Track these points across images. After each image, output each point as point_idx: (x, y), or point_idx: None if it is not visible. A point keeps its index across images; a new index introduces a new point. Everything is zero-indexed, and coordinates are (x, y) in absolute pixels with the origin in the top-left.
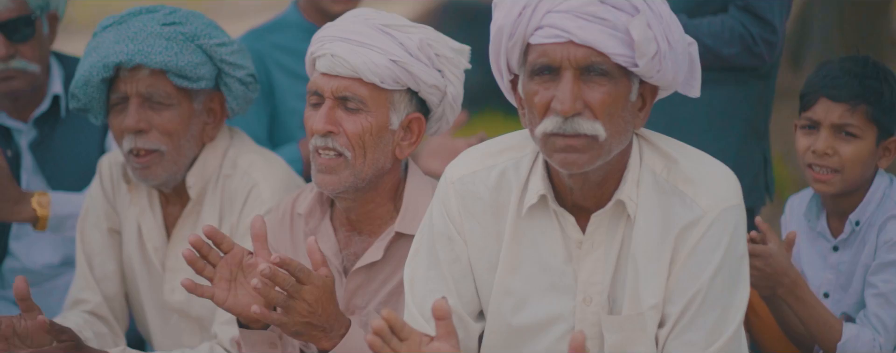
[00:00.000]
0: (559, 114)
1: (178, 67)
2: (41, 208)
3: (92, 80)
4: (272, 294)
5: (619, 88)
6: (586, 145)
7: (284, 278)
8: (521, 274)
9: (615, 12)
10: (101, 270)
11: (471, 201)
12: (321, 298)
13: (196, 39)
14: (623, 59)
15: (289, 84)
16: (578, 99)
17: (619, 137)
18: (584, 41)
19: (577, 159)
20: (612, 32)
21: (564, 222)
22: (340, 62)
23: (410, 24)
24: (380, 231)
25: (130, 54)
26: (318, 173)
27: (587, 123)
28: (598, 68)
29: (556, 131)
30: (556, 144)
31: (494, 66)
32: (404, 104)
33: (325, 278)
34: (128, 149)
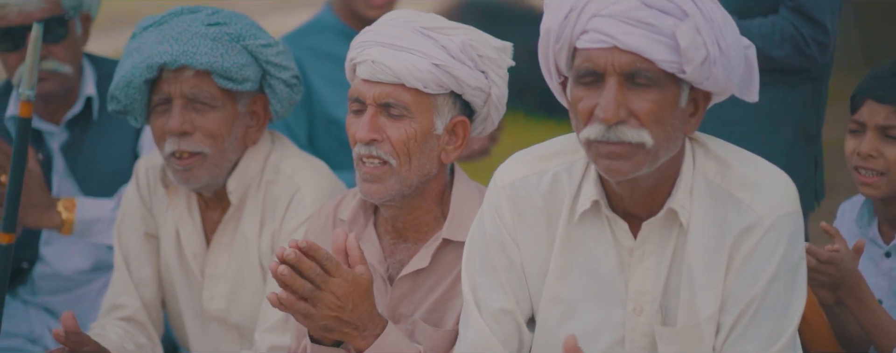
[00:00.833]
0: (602, 121)
1: (223, 68)
2: (66, 212)
3: (134, 81)
4: (298, 283)
5: (667, 94)
6: (631, 152)
7: (310, 266)
8: (570, 281)
9: (662, 17)
10: (137, 274)
11: (523, 207)
12: (351, 293)
13: (241, 40)
14: (670, 65)
15: (326, 89)
16: (622, 107)
17: (667, 144)
18: (628, 47)
19: (620, 167)
20: (658, 38)
21: (617, 228)
22: (381, 68)
23: (452, 25)
24: (426, 238)
25: (175, 55)
26: (363, 182)
27: (632, 132)
28: (644, 75)
29: (599, 139)
30: (600, 150)
31: (544, 67)
32: (448, 108)
33: (360, 276)
34: (170, 151)
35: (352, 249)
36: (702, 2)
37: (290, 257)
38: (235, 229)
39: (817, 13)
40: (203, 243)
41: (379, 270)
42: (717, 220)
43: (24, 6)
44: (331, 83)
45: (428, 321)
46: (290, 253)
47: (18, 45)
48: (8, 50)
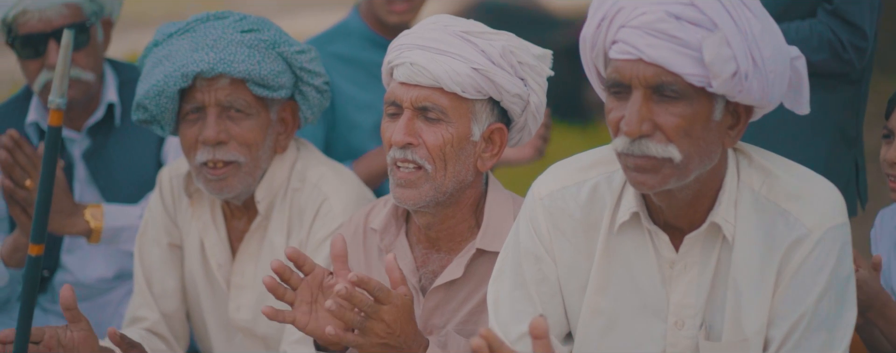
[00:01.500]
0: (625, 135)
1: (260, 76)
2: (94, 221)
3: (167, 90)
4: (349, 316)
5: (697, 108)
6: (657, 166)
7: (362, 298)
8: (610, 294)
9: (690, 29)
10: (160, 286)
11: (561, 219)
12: (400, 318)
13: (277, 47)
14: (697, 78)
15: (349, 95)
16: (646, 121)
17: (699, 158)
18: (653, 60)
19: (646, 180)
20: (683, 51)
21: (657, 240)
22: (420, 71)
23: (491, 30)
24: (459, 248)
25: (212, 63)
26: (397, 187)
27: (657, 146)
28: (670, 88)
29: (625, 151)
30: (627, 163)
31: (588, 73)
32: (486, 114)
33: (404, 298)
34: (202, 161)
35: (392, 271)
36: (737, 12)
37: (342, 292)
38: (262, 238)
39: (855, 17)
40: (228, 252)
41: (411, 280)
42: (764, 233)
43: (44, 12)
44: (355, 88)
45: (461, 332)
46: (341, 288)
47: (39, 52)
48: (29, 57)
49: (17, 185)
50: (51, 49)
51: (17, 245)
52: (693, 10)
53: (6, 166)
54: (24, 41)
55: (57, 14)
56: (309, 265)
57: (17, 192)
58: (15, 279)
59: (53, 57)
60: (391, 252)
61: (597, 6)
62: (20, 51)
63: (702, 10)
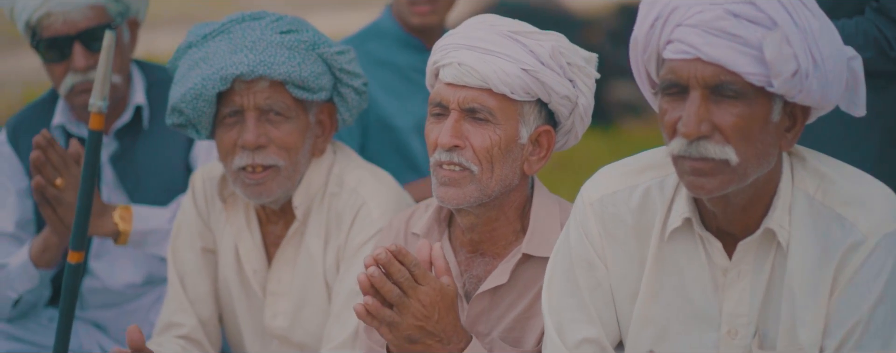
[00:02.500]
0: (683, 136)
1: (300, 78)
2: (123, 223)
3: (205, 93)
4: (386, 288)
5: (755, 108)
6: (715, 169)
7: (399, 270)
8: (661, 302)
9: (749, 27)
10: (194, 291)
11: (612, 224)
12: (437, 303)
13: (316, 48)
14: (757, 78)
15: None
16: (704, 121)
17: (757, 161)
18: (712, 59)
19: (704, 184)
20: (744, 49)
21: (710, 247)
22: (468, 71)
23: (539, 31)
24: (504, 253)
25: (252, 65)
26: (440, 187)
27: (715, 148)
28: (729, 88)
29: (682, 154)
30: (684, 166)
31: (636, 75)
32: (534, 116)
33: (446, 286)
34: (241, 165)
35: (437, 259)
36: (796, 10)
37: (381, 258)
38: (299, 244)
39: None
40: (264, 258)
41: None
42: (819, 239)
43: (69, 15)
44: (388, 90)
45: (506, 340)
46: (381, 254)
47: (65, 55)
48: (53, 60)
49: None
50: (76, 52)
51: (47, 245)
52: (751, 7)
53: (39, 165)
54: (48, 44)
55: (81, 16)
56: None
57: (47, 189)
58: (43, 282)
59: (79, 60)
60: (439, 242)
61: (649, 6)
62: (44, 54)
63: (760, 8)
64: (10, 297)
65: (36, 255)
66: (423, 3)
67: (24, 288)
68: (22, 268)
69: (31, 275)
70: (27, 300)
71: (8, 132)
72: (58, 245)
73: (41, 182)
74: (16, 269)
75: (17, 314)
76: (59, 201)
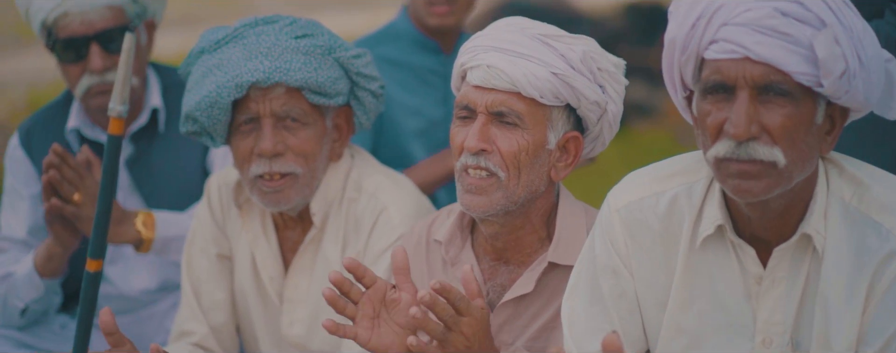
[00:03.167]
0: (732, 138)
1: (317, 84)
2: (146, 230)
3: (220, 101)
4: (431, 325)
5: (802, 109)
6: (763, 172)
7: (444, 307)
8: (693, 311)
9: (798, 26)
10: (208, 299)
11: (638, 231)
12: (479, 332)
13: (332, 52)
14: (806, 78)
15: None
16: (754, 122)
17: (801, 164)
18: (761, 58)
19: (752, 187)
20: (794, 48)
21: (743, 255)
22: (497, 74)
23: (570, 35)
24: (529, 261)
25: (268, 72)
26: (466, 194)
27: (764, 149)
28: (778, 88)
29: (728, 156)
30: (730, 169)
31: (668, 80)
32: (562, 122)
33: (482, 311)
34: (258, 173)
35: (469, 282)
36: (841, 11)
37: (425, 300)
38: (316, 251)
39: None
40: (280, 265)
41: None
42: (855, 246)
43: (86, 15)
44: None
45: (531, 349)
46: (425, 295)
47: (81, 56)
48: (70, 61)
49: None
50: (93, 53)
51: (51, 254)
52: (799, 6)
53: (54, 184)
54: (64, 45)
55: (99, 17)
56: (369, 278)
57: (65, 209)
58: (50, 291)
59: (95, 61)
60: (468, 264)
61: (689, 6)
62: (61, 55)
63: (808, 7)
64: (18, 306)
65: (40, 264)
66: (441, 3)
67: (29, 297)
68: (27, 277)
69: (36, 285)
70: (35, 308)
71: (21, 136)
72: (62, 255)
73: (57, 204)
74: (21, 278)
75: (26, 322)
76: (79, 217)
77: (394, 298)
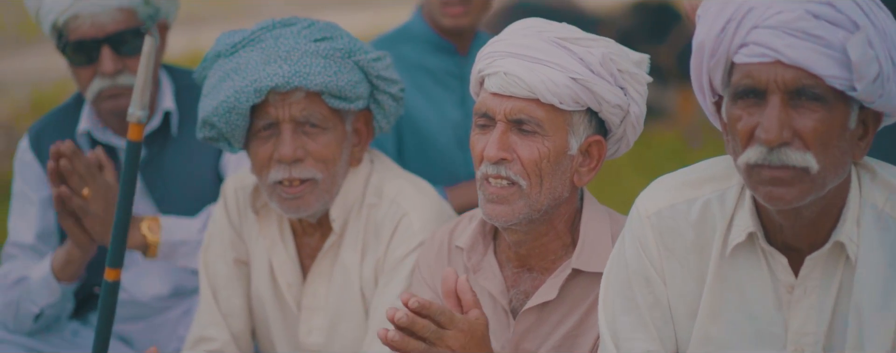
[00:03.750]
0: (763, 143)
1: (338, 88)
2: (151, 234)
3: (238, 107)
4: (412, 345)
5: (835, 114)
6: (795, 178)
7: (424, 326)
8: (723, 321)
9: (831, 29)
10: (226, 305)
11: (670, 238)
12: (468, 344)
13: (352, 55)
14: (839, 81)
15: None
16: (786, 127)
17: (834, 170)
18: (793, 61)
19: (784, 194)
20: (826, 52)
21: (774, 263)
22: (515, 81)
23: (589, 36)
24: (553, 267)
25: (288, 77)
26: (488, 203)
27: (796, 155)
28: (810, 92)
29: (760, 162)
30: (761, 175)
31: (696, 85)
32: (584, 126)
33: (475, 322)
34: (277, 179)
35: (464, 293)
36: (873, 13)
37: (402, 321)
38: (335, 257)
39: None
40: (298, 272)
41: (500, 301)
42: (889, 253)
43: (97, 17)
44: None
45: None
46: (401, 316)
47: (92, 59)
48: (80, 64)
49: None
50: (104, 56)
51: (70, 258)
52: (831, 9)
53: (65, 173)
54: (75, 47)
55: (110, 19)
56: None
57: (73, 200)
58: (66, 296)
59: (107, 64)
60: (464, 275)
61: (718, 9)
62: (71, 57)
63: (840, 9)
64: (32, 311)
65: (58, 268)
66: (455, 3)
67: (45, 302)
68: (43, 281)
69: (52, 289)
70: (49, 314)
71: (31, 139)
72: (81, 258)
73: (65, 192)
74: (37, 282)
75: (38, 328)
76: (86, 212)
77: None
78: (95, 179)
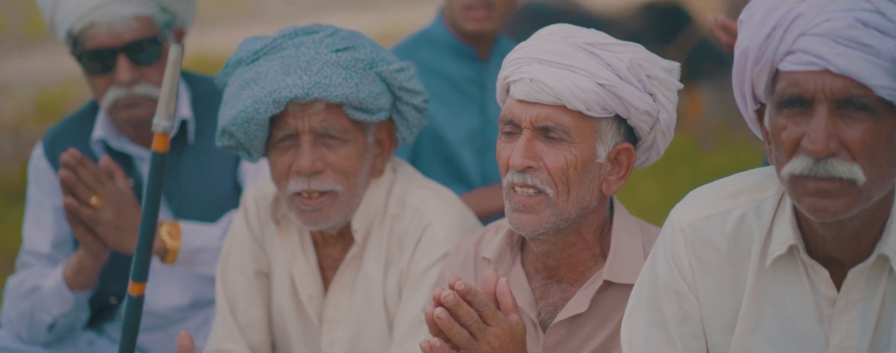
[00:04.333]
0: (810, 154)
1: (358, 100)
2: (171, 240)
3: (257, 117)
4: (454, 330)
5: (882, 125)
6: (841, 190)
7: (467, 312)
8: (761, 335)
9: (880, 37)
10: (245, 317)
11: (704, 251)
12: (507, 345)
13: (374, 66)
14: (888, 92)
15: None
16: (833, 138)
17: (880, 182)
18: (842, 70)
19: (830, 206)
20: (875, 61)
21: (815, 276)
22: (541, 88)
23: (617, 41)
24: (582, 279)
25: (307, 88)
26: (514, 213)
27: (843, 166)
28: (858, 102)
29: (806, 173)
30: (807, 187)
31: (737, 92)
32: (612, 133)
33: (516, 326)
34: (296, 190)
35: (504, 295)
36: None
37: (448, 300)
38: (357, 269)
39: None
40: (320, 284)
41: (529, 314)
42: None
43: (113, 26)
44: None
45: None
46: (448, 295)
47: (108, 68)
48: (96, 73)
49: (82, 203)
50: (120, 65)
51: (82, 266)
52: (880, 17)
53: (70, 184)
54: (91, 56)
55: (127, 28)
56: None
57: (81, 210)
58: (79, 305)
59: (123, 74)
60: (504, 277)
61: (764, 15)
62: (87, 66)
63: (889, 18)
64: (45, 321)
65: (70, 277)
66: (479, 7)
67: (58, 311)
68: (56, 290)
69: (65, 298)
70: (63, 323)
71: (45, 146)
72: (93, 266)
73: (73, 203)
74: (50, 291)
75: (53, 338)
76: (97, 221)
77: None
78: (105, 186)
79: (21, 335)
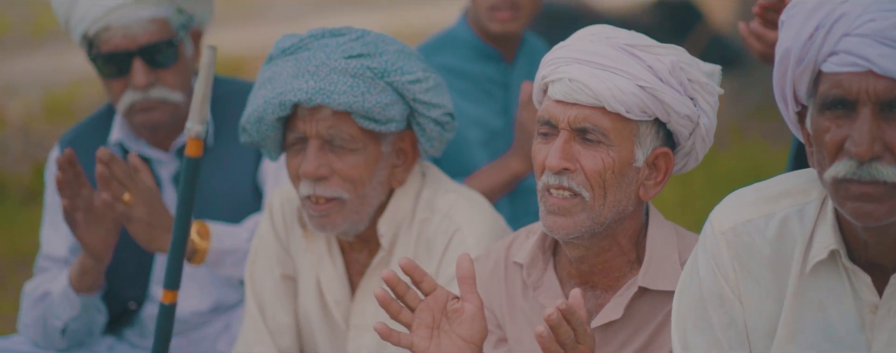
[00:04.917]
0: (853, 157)
1: (364, 109)
2: (200, 240)
3: (266, 118)
4: (552, 349)
5: None
6: (885, 194)
7: (566, 331)
8: (801, 341)
9: None
10: (273, 321)
11: (747, 256)
12: None
13: (385, 76)
14: None
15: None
16: (878, 140)
17: None
18: (886, 72)
19: (873, 210)
20: None
21: (857, 282)
22: (580, 88)
23: (658, 44)
24: (617, 285)
25: (311, 93)
26: (549, 215)
27: (888, 169)
28: None
29: (849, 177)
30: (850, 191)
31: (778, 94)
32: (651, 137)
33: (593, 339)
34: (305, 195)
35: (580, 308)
36: None
37: (552, 319)
38: None
39: None
40: (347, 289)
41: None
42: None
43: (129, 29)
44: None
45: None
46: (553, 314)
47: (123, 71)
48: (112, 76)
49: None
50: (136, 68)
51: (84, 268)
52: None
53: (104, 180)
54: (106, 59)
55: (142, 30)
56: (428, 284)
57: (116, 207)
58: (89, 308)
59: (138, 77)
60: (577, 288)
61: (807, 15)
62: (102, 69)
63: None
64: (57, 326)
65: (75, 280)
66: (505, 8)
67: (67, 316)
68: (63, 295)
69: (72, 302)
70: (75, 328)
71: (61, 149)
72: (95, 268)
73: (107, 198)
74: (58, 296)
75: (69, 344)
76: (130, 218)
77: (456, 308)
78: (136, 184)
79: (38, 342)
